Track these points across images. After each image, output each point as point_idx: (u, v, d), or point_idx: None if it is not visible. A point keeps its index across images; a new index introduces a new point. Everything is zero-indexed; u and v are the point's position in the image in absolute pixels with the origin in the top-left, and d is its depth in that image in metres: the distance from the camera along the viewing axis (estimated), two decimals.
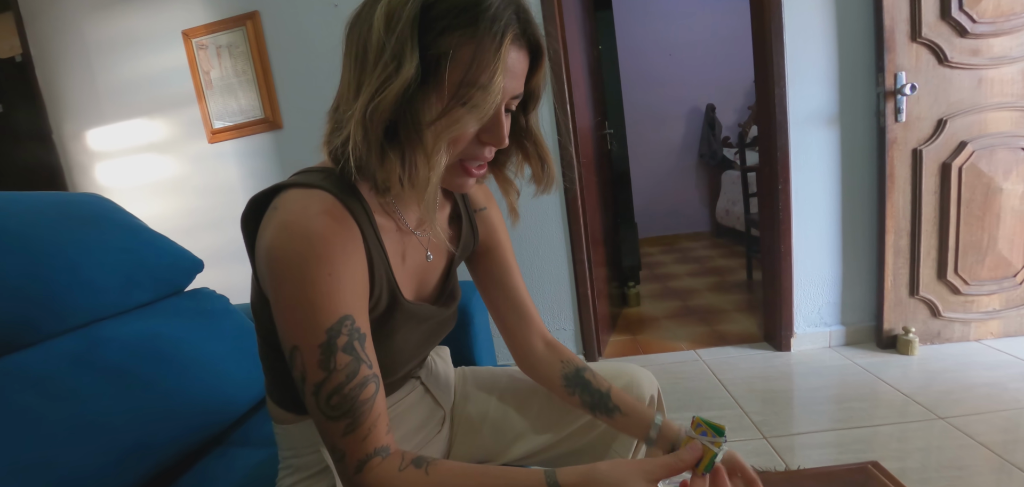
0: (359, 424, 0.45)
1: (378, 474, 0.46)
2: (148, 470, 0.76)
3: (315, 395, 0.45)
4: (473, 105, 0.45)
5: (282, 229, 0.45)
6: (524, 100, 0.55)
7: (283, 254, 0.44)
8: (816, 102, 1.73)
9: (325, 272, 0.44)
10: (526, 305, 0.71)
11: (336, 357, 0.45)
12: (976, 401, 1.45)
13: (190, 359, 0.90)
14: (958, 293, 1.77)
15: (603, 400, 0.65)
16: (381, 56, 0.43)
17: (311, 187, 0.48)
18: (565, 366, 0.69)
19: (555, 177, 0.60)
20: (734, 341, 2.07)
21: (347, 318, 0.46)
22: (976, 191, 1.68)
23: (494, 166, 0.59)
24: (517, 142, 0.58)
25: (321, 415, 0.46)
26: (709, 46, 4.05)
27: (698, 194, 4.36)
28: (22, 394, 0.68)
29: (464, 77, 0.44)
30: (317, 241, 0.44)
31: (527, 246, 1.98)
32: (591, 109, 2.26)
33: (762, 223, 1.98)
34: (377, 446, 0.47)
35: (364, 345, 0.47)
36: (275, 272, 0.45)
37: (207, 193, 2.10)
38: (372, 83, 0.44)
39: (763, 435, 1.42)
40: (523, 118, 0.57)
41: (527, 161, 0.59)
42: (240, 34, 1.92)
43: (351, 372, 0.45)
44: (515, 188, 0.61)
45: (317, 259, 0.44)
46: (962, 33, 1.59)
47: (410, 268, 0.59)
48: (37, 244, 0.80)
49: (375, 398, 0.47)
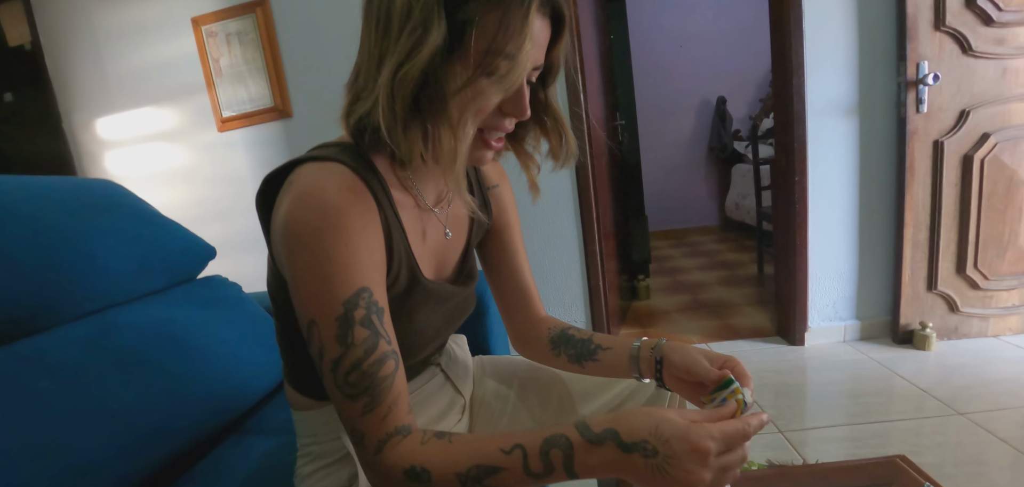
0: (378, 402, 0.44)
1: (400, 452, 0.44)
2: (162, 456, 0.76)
3: (333, 372, 0.44)
4: (500, 76, 0.44)
5: (298, 201, 0.44)
6: (543, 72, 0.53)
7: (299, 226, 0.43)
8: (835, 92, 1.70)
9: (341, 243, 0.43)
10: (529, 287, 0.71)
11: (354, 331, 0.43)
12: (995, 397, 1.42)
13: (204, 346, 0.90)
14: (977, 288, 1.73)
15: (586, 346, 0.65)
16: (407, 22, 0.42)
17: (327, 160, 0.47)
18: (552, 331, 0.69)
19: (575, 151, 0.58)
20: (746, 335, 2.04)
21: (364, 290, 0.44)
22: (998, 184, 1.65)
23: (513, 140, 0.58)
24: (535, 116, 0.56)
25: (339, 393, 0.44)
26: (720, 38, 3.99)
27: (707, 188, 4.31)
28: (37, 379, 0.68)
29: (490, 46, 0.43)
30: (333, 212, 0.43)
31: (539, 238, 1.96)
32: (602, 100, 2.23)
33: (777, 215, 1.95)
34: (398, 425, 0.45)
35: (383, 320, 0.46)
36: (290, 245, 0.44)
37: (217, 182, 2.09)
38: (398, 51, 0.42)
39: (779, 429, 1.40)
40: (542, 92, 0.55)
41: (545, 136, 0.58)
42: (250, 21, 1.91)
43: (369, 347, 0.44)
44: (535, 162, 0.60)
45: (333, 229, 0.43)
46: (987, 22, 1.55)
47: (430, 246, 0.58)
48: (51, 230, 0.79)
49: (395, 376, 0.45)
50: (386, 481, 0.44)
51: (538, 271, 1.99)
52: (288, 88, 1.96)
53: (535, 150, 0.59)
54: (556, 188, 1.91)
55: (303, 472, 0.61)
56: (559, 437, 0.42)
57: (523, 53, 0.43)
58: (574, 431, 0.42)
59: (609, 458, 0.41)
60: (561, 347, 0.67)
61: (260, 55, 1.93)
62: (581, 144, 1.85)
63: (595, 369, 0.65)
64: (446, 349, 0.71)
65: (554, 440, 0.42)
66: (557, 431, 0.42)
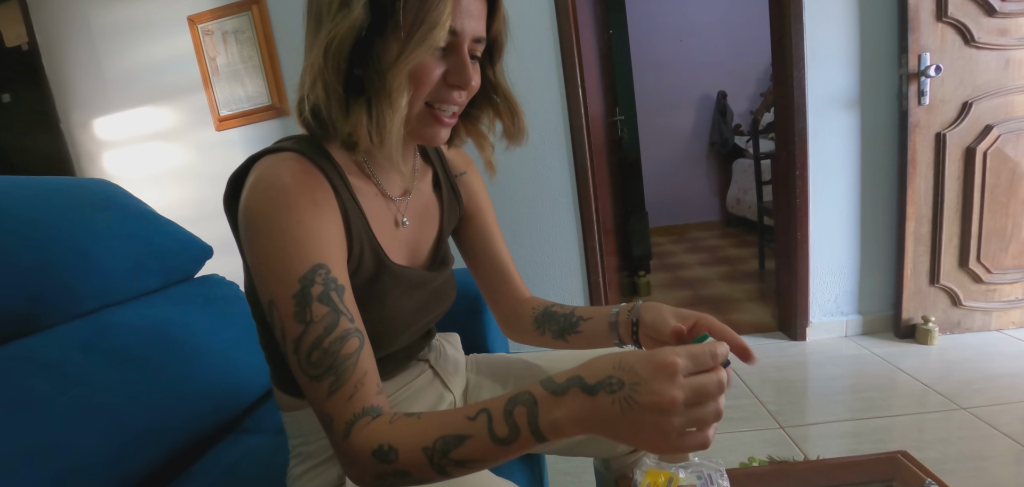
0: (343, 381, 0.43)
1: (367, 433, 0.43)
2: (159, 456, 0.76)
3: (296, 352, 0.44)
4: (428, 41, 0.45)
5: (252, 189, 0.46)
6: (488, 49, 0.55)
7: (253, 211, 0.45)
8: (836, 85, 1.68)
9: (293, 221, 0.45)
10: (508, 268, 0.72)
11: (311, 308, 0.44)
12: (998, 391, 1.42)
13: (200, 345, 0.89)
14: (980, 281, 1.72)
15: (569, 319, 0.65)
16: (331, 6, 0.45)
17: (281, 151, 0.49)
18: (535, 310, 0.69)
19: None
20: (747, 330, 2.04)
21: (321, 267, 0.45)
22: (1001, 176, 1.63)
23: (466, 120, 0.60)
24: (487, 96, 0.59)
25: (304, 376, 0.44)
26: (720, 32, 3.97)
27: (708, 183, 4.30)
28: (32, 379, 0.67)
29: (416, 15, 0.45)
30: (284, 193, 0.45)
31: (538, 234, 1.96)
32: (602, 96, 2.22)
33: (778, 210, 1.94)
34: (365, 406, 0.44)
35: (342, 297, 0.46)
36: (247, 231, 0.46)
37: (215, 181, 2.09)
38: (326, 32, 0.45)
39: (780, 425, 1.40)
40: (491, 71, 0.57)
41: (498, 116, 0.60)
42: (246, 19, 1.90)
43: (329, 324, 0.44)
44: (489, 142, 0.62)
45: (286, 208, 0.45)
46: (990, 12, 1.53)
47: (401, 234, 0.59)
48: (47, 229, 0.78)
49: (359, 354, 0.45)
50: (355, 464, 0.43)
51: (537, 267, 1.98)
52: (285, 86, 1.95)
53: (490, 131, 0.61)
54: (555, 184, 1.90)
55: (294, 473, 0.61)
56: (522, 394, 0.40)
57: (444, 13, 0.45)
58: (538, 387, 0.40)
59: (574, 409, 0.38)
60: (545, 325, 0.67)
61: (257, 53, 1.92)
62: (579, 141, 1.84)
63: (578, 341, 0.65)
64: (435, 345, 0.71)
65: (517, 398, 0.40)
66: (521, 389, 0.41)
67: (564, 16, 1.76)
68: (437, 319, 0.67)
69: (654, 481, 0.63)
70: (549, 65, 1.81)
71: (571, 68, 1.79)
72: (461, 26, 0.47)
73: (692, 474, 0.65)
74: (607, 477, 0.80)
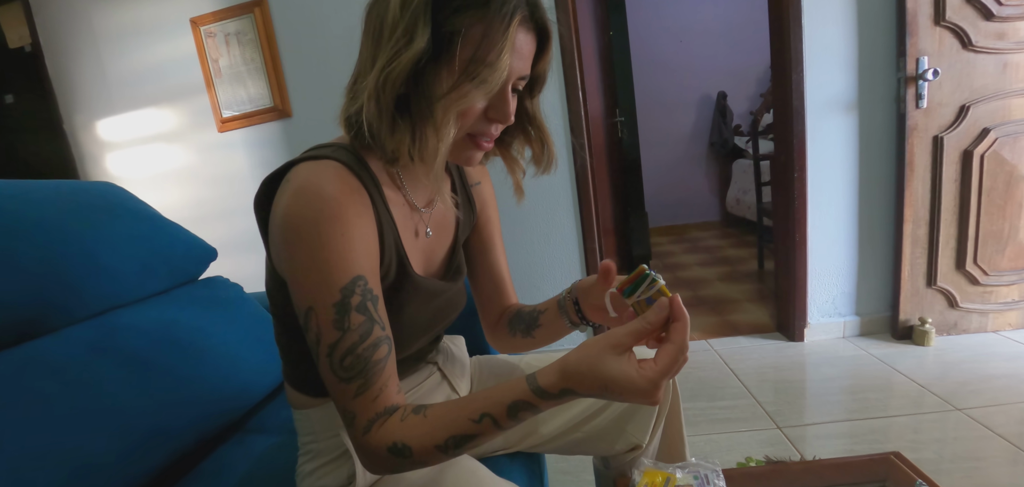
0: (370, 385, 0.46)
1: (385, 430, 0.46)
2: (166, 457, 0.77)
3: (329, 356, 0.46)
4: (481, 80, 0.47)
5: (295, 196, 0.47)
6: (530, 83, 0.57)
7: (297, 219, 0.46)
8: (834, 88, 1.69)
9: (338, 233, 0.46)
10: (504, 279, 0.74)
11: (350, 317, 0.46)
12: (994, 392, 1.43)
13: (206, 346, 0.90)
14: (977, 283, 1.73)
15: (531, 316, 0.68)
16: (395, 31, 0.46)
17: (323, 158, 0.50)
18: (508, 313, 0.72)
19: (555, 159, 0.62)
20: (746, 331, 2.05)
21: (360, 278, 0.47)
22: (998, 179, 1.64)
23: (500, 145, 0.62)
24: (520, 124, 0.60)
25: (334, 376, 0.46)
26: (720, 32, 3.97)
27: (708, 183, 4.31)
28: (41, 381, 0.68)
29: (474, 55, 0.47)
30: (330, 202, 0.46)
31: (537, 234, 1.97)
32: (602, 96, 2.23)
33: (776, 211, 1.95)
34: (387, 405, 0.47)
35: (377, 307, 0.48)
36: (289, 237, 0.46)
37: (217, 183, 2.10)
38: (385, 55, 0.46)
39: (777, 425, 1.41)
40: (528, 102, 0.59)
41: (528, 144, 0.62)
42: (248, 21, 1.91)
43: (364, 332, 0.46)
44: (520, 167, 0.64)
45: (330, 219, 0.46)
46: (988, 16, 1.54)
47: (421, 244, 0.61)
48: (54, 232, 0.79)
49: (387, 359, 0.48)
50: (373, 458, 0.47)
51: (537, 268, 1.99)
52: (287, 88, 1.96)
53: (520, 155, 0.63)
54: (555, 184, 1.91)
55: (304, 470, 0.62)
56: (521, 403, 0.45)
57: (501, 61, 0.47)
58: (532, 395, 0.45)
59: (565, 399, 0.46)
60: (516, 327, 0.70)
61: (259, 55, 1.93)
62: (580, 141, 1.85)
63: (542, 334, 0.68)
64: (443, 348, 0.72)
65: (518, 405, 0.45)
66: (518, 399, 0.45)
67: (564, 16, 1.77)
68: (447, 326, 0.69)
69: (652, 481, 0.65)
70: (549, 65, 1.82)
71: (571, 68, 1.80)
72: (512, 68, 0.49)
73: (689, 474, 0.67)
74: (606, 476, 0.81)
